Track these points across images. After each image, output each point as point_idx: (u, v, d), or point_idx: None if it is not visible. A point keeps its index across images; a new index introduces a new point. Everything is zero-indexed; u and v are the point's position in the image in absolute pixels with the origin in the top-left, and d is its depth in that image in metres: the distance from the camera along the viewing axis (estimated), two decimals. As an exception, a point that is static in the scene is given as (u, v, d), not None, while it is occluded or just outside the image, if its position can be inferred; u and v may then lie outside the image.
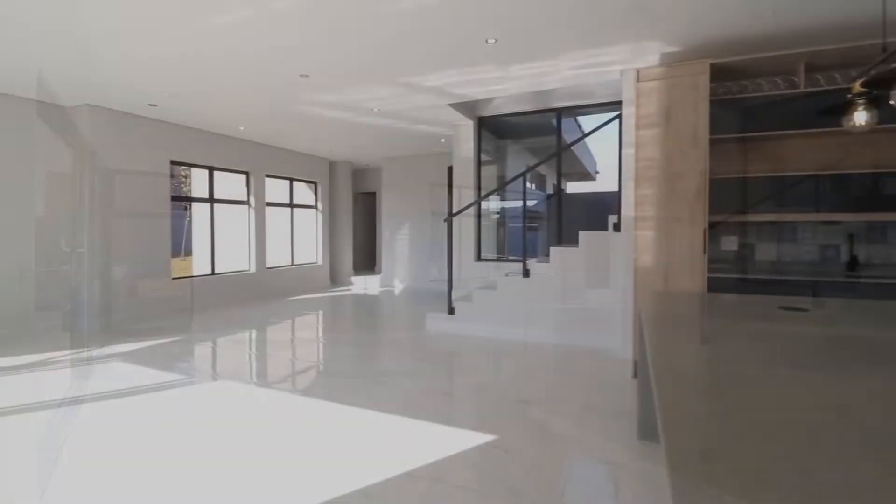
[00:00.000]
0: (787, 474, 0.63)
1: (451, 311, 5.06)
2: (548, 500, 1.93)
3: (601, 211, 5.03)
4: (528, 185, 10.66)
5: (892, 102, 1.39)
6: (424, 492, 1.99)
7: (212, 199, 6.80)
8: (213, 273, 6.80)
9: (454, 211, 5.54)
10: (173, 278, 6.23)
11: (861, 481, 0.61)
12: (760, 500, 0.57)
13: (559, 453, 2.37)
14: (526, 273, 4.78)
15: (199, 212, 7.91)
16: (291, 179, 8.32)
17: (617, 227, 4.17)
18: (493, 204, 7.12)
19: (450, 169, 7.52)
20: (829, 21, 3.08)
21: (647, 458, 2.24)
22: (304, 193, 8.77)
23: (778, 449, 0.71)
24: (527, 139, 7.96)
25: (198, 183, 7.92)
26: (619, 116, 4.15)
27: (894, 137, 3.30)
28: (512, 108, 5.78)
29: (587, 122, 6.82)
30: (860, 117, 1.69)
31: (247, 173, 7.31)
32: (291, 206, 8.37)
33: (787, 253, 3.61)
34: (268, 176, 7.67)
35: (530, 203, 8.66)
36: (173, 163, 6.23)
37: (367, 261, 11.43)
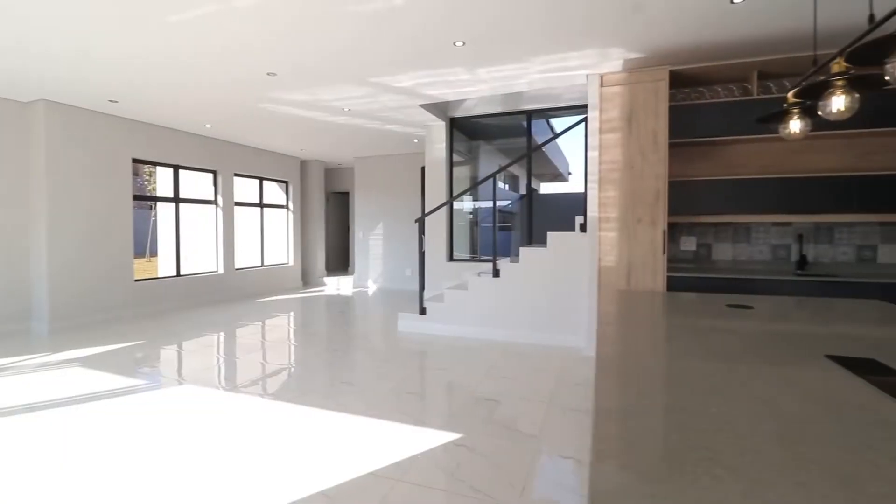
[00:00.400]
0: (698, 460, 0.67)
1: (423, 311, 5.08)
2: (509, 496, 1.98)
3: (572, 211, 5.14)
4: (502, 185, 10.80)
5: (819, 113, 1.49)
6: (387, 492, 2.00)
7: (177, 199, 6.61)
8: (178, 274, 6.61)
9: (426, 211, 5.55)
10: (136, 280, 6.03)
11: (767, 465, 0.66)
12: (668, 482, 0.61)
13: (523, 450, 2.41)
14: (496, 273, 4.84)
15: (165, 211, 7.70)
16: (261, 179, 8.17)
17: (583, 228, 4.28)
18: (466, 204, 7.17)
19: (423, 169, 7.54)
20: (778, 32, 3.24)
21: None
22: (274, 193, 8.63)
23: (694, 436, 0.76)
24: (499, 140, 8.05)
25: (163, 182, 7.70)
26: (586, 120, 4.26)
27: (837, 143, 3.50)
28: (483, 109, 5.84)
29: (559, 124, 6.95)
30: (795, 126, 1.79)
31: (214, 172, 7.14)
32: (261, 205, 8.22)
33: (741, 253, 3.78)
34: (236, 175, 7.52)
35: (504, 203, 8.78)
36: (135, 161, 6.04)
37: (340, 261, 11.33)
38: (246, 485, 2.07)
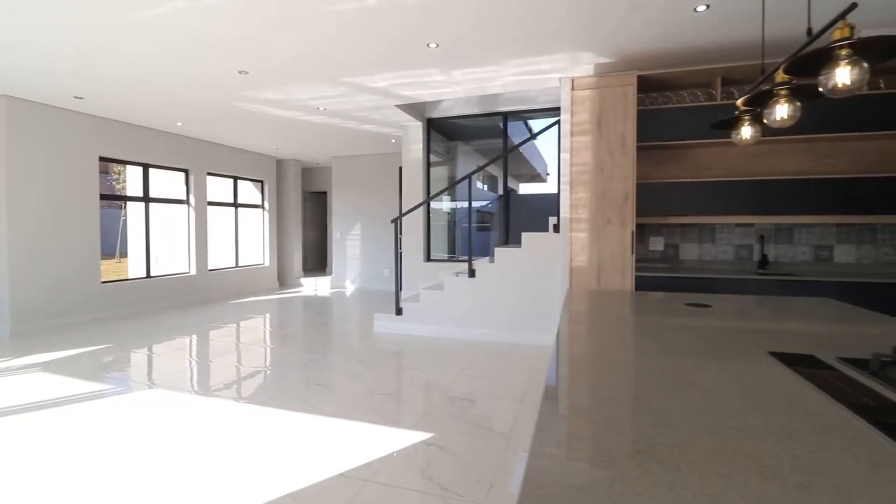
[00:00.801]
0: (631, 453, 0.71)
1: (399, 311, 5.08)
2: (476, 494, 2.00)
3: (550, 212, 5.21)
4: (481, 186, 10.85)
5: (765, 121, 1.56)
6: (355, 493, 2.01)
7: (146, 198, 6.45)
8: (148, 276, 6.45)
9: (403, 211, 5.55)
10: (103, 282, 5.86)
11: (695, 458, 0.69)
12: (597, 476, 0.64)
13: (493, 449, 2.45)
14: (472, 273, 4.87)
15: (135, 211, 7.50)
16: (236, 178, 8.03)
17: (556, 229, 4.34)
18: (445, 204, 7.20)
19: (401, 169, 7.54)
20: (737, 41, 3.35)
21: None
22: (249, 192, 8.49)
23: (632, 430, 0.80)
24: (477, 141, 8.10)
25: (133, 181, 7.49)
26: (559, 122, 4.33)
27: (797, 147, 3.65)
28: (460, 110, 5.88)
29: (536, 126, 7.04)
30: (746, 132, 1.87)
31: (186, 171, 6.99)
32: (235, 205, 8.08)
33: (707, 252, 3.90)
34: (209, 174, 7.37)
35: (481, 204, 8.83)
36: (103, 159, 5.86)
37: (318, 261, 11.22)
38: (212, 489, 2.04)
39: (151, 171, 6.53)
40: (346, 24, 3.20)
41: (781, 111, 1.50)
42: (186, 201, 7.03)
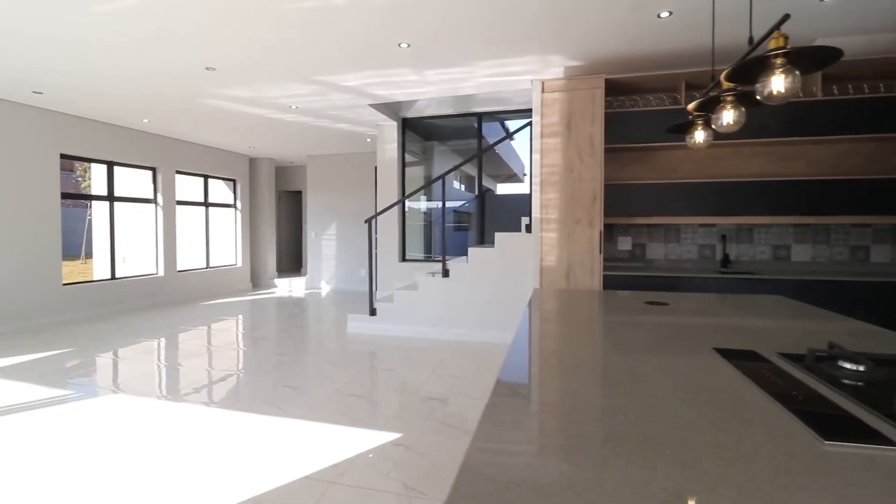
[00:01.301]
0: (568, 448, 0.73)
1: (373, 312, 5.06)
2: (441, 493, 2.01)
3: (524, 212, 5.26)
4: (458, 186, 10.86)
5: (713, 126, 1.63)
6: (320, 495, 1.99)
7: (111, 197, 6.25)
8: (113, 277, 6.25)
9: (377, 211, 5.53)
10: (65, 284, 5.65)
11: (625, 451, 0.72)
12: (526, 470, 0.65)
13: (462, 448, 2.46)
14: (445, 273, 4.89)
15: (100, 211, 7.25)
16: (206, 176, 7.85)
17: (529, 229, 4.40)
18: (422, 204, 7.20)
19: (377, 168, 7.50)
20: (698, 47, 3.46)
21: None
22: (221, 191, 8.32)
23: (572, 424, 0.82)
24: (453, 141, 8.12)
25: (98, 179, 7.24)
26: (531, 124, 4.38)
27: (757, 150, 3.78)
28: (435, 110, 5.89)
29: (512, 126, 7.10)
30: (698, 136, 1.94)
31: (153, 169, 6.80)
32: (206, 204, 7.90)
33: (672, 252, 4.01)
34: (178, 172, 7.19)
35: (457, 204, 8.86)
36: (64, 156, 5.65)
37: (293, 262, 11.07)
38: (173, 495, 1.99)
39: (117, 169, 6.33)
40: (313, 21, 3.17)
41: (727, 117, 1.56)
42: (154, 200, 6.84)
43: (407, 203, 6.53)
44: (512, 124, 6.84)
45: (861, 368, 1.05)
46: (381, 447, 2.43)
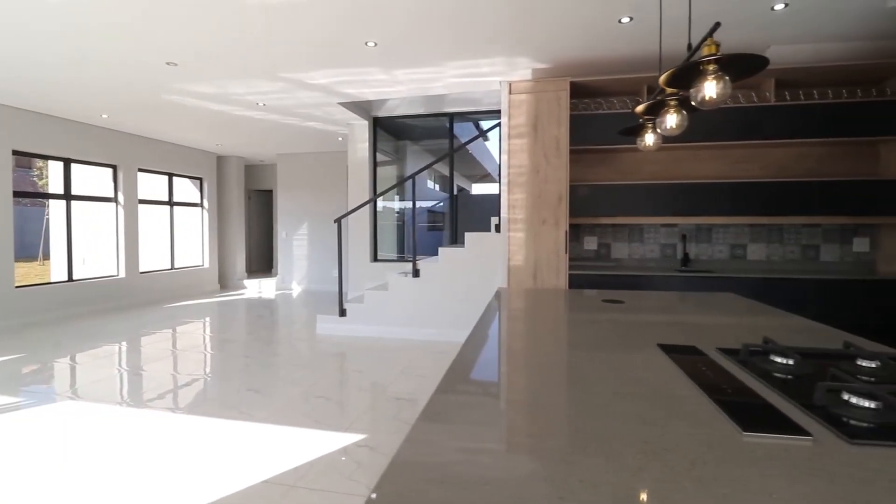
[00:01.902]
0: (495, 438, 0.74)
1: (343, 312, 5.01)
2: (402, 492, 2.01)
3: (497, 212, 5.29)
4: (432, 185, 10.82)
5: (658, 131, 1.68)
6: (278, 498, 1.96)
7: (68, 196, 6.00)
8: (70, 279, 5.99)
9: (347, 211, 5.47)
10: (18, 286, 5.39)
11: (556, 444, 0.73)
12: (468, 461, 0.66)
13: (424, 447, 2.46)
14: (416, 273, 4.88)
15: (57, 210, 6.94)
16: (171, 174, 7.62)
17: (498, 229, 4.43)
18: (395, 204, 7.16)
19: (348, 168, 7.43)
20: (656, 52, 3.55)
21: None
22: (187, 190, 8.09)
23: (517, 419, 0.83)
24: (426, 141, 8.11)
25: (54, 177, 6.93)
26: (500, 125, 4.41)
27: (714, 153, 3.91)
28: (406, 110, 5.87)
29: (486, 127, 7.14)
30: (649, 139, 2.00)
31: (114, 167, 6.55)
32: (171, 203, 7.67)
33: (636, 251, 4.11)
34: (141, 170, 6.95)
35: (431, 203, 8.85)
36: (16, 153, 5.39)
37: (263, 262, 10.85)
38: (131, 502, 1.93)
39: (76, 166, 6.08)
40: (275, 16, 3.11)
41: (671, 120, 1.62)
42: (115, 199, 6.59)
43: (379, 203, 6.49)
44: (485, 125, 6.89)
45: (790, 362, 1.10)
46: (345, 449, 2.41)
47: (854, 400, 0.86)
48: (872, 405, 0.84)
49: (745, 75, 1.21)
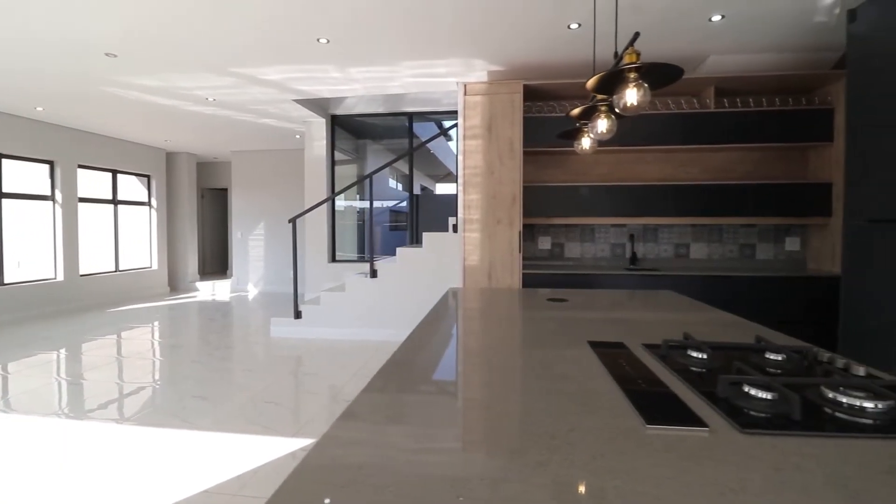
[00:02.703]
0: (446, 437, 0.74)
1: (298, 315, 4.90)
2: (348, 496, 1.98)
3: (456, 212, 5.31)
4: (394, 185, 10.72)
5: (590, 136, 1.74)
6: (217, 509, 1.90)
7: (-2, 193, 5.58)
8: (1, 283, 5.58)
9: (301, 211, 5.36)
10: (-62, 291, 4.97)
11: (484, 440, 0.74)
12: (378, 457, 0.66)
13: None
14: (374, 273, 4.84)
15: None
16: (115, 171, 7.23)
17: (455, 229, 4.45)
18: (356, 203, 7.07)
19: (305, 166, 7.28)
20: (609, 57, 3.67)
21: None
22: (133, 188, 7.69)
23: (449, 413, 0.84)
24: (387, 140, 8.06)
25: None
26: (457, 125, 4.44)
27: (661, 156, 4.07)
28: (365, 108, 5.81)
29: (446, 126, 7.16)
30: (585, 142, 2.07)
31: (51, 163, 6.15)
32: (115, 202, 7.28)
33: (588, 251, 4.23)
34: (81, 167, 6.55)
35: (392, 203, 8.79)
36: (-65, 146, 4.97)
37: (218, 264, 10.47)
38: (45, 523, 1.81)
39: (7, 162, 5.66)
40: (222, 9, 3.00)
41: (601, 125, 1.68)
42: (52, 197, 6.19)
43: (340, 202, 6.40)
44: (446, 125, 6.92)
45: (703, 356, 1.16)
46: (292, 454, 2.35)
47: (753, 392, 0.92)
48: (768, 396, 0.90)
49: (664, 83, 1.27)
